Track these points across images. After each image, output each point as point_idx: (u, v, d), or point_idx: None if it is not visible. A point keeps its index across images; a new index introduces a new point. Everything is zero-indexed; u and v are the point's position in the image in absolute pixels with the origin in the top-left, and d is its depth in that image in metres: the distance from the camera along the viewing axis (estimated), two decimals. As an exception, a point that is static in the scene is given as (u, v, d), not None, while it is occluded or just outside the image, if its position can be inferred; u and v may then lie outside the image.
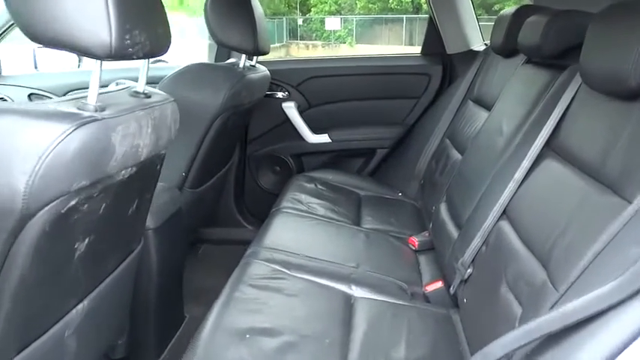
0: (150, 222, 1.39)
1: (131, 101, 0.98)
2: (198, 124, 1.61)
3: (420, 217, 1.85)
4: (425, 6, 2.35)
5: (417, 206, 1.98)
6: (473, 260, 1.14)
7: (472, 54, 2.07)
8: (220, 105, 1.59)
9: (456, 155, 1.70)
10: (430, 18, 2.17)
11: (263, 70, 1.97)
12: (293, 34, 17.72)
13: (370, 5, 17.53)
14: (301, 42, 17.36)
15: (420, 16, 15.20)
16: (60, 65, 2.17)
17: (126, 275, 1.20)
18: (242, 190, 2.36)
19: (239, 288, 1.14)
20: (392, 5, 16.85)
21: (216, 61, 2.16)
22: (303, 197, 1.80)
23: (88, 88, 0.81)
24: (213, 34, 1.68)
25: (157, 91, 1.13)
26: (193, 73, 1.62)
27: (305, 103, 2.23)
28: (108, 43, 0.77)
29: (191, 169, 1.66)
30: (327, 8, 17.77)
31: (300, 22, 18.00)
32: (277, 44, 16.34)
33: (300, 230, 1.52)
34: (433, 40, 2.19)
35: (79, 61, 2.44)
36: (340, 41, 16.84)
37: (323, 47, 16.77)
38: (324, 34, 17.47)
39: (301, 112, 2.23)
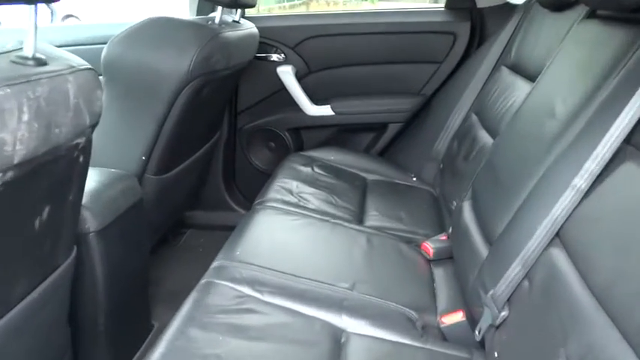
0: (91, 223, 1.10)
1: (6, 71, 0.66)
2: (158, 96, 1.28)
3: (437, 211, 1.51)
4: None
5: (435, 194, 1.64)
6: (509, 298, 0.81)
7: (509, 8, 1.67)
8: (186, 72, 1.26)
9: (485, 137, 1.34)
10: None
11: (248, 28, 1.61)
12: (311, -10, 16.92)
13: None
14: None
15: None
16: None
17: (50, 295, 0.94)
18: (232, 168, 2.04)
19: (186, 332, 0.83)
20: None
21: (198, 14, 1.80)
22: (295, 185, 1.48)
23: None
24: None
25: (66, 55, 0.80)
26: (151, 30, 1.28)
27: (304, 67, 1.88)
28: None
29: (153, 151, 1.34)
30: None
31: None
32: (296, 1, 15.65)
33: (283, 234, 1.21)
34: (459, -9, 1.79)
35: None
36: (362, -2, 16.06)
37: (344, 4, 16.00)
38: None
39: (299, 79, 1.88)
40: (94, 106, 0.82)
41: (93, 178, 1.22)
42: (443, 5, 1.84)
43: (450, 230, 1.23)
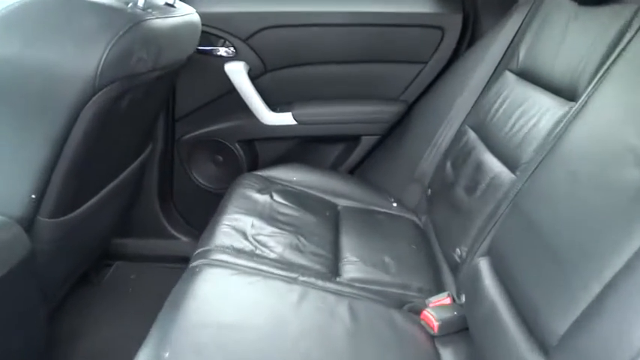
0: None
1: None
2: (51, 110, 0.90)
3: (428, 251, 1.21)
4: None
5: (421, 226, 1.34)
6: None
7: (509, 0, 1.37)
8: (92, 76, 0.88)
9: (495, 166, 1.04)
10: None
11: (187, 13, 1.24)
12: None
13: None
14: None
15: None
16: None
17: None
18: (169, 187, 1.66)
19: None
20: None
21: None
22: (250, 224, 1.13)
23: None
24: None
25: None
26: (38, 14, 0.88)
27: (259, 64, 1.51)
28: None
29: (48, 186, 0.95)
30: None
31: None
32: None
33: (235, 312, 0.85)
34: (449, -23, 1.48)
35: None
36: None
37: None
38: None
39: (253, 79, 1.52)
40: None
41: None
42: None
43: (463, 299, 0.92)
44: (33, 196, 0.93)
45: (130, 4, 1.01)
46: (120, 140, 1.18)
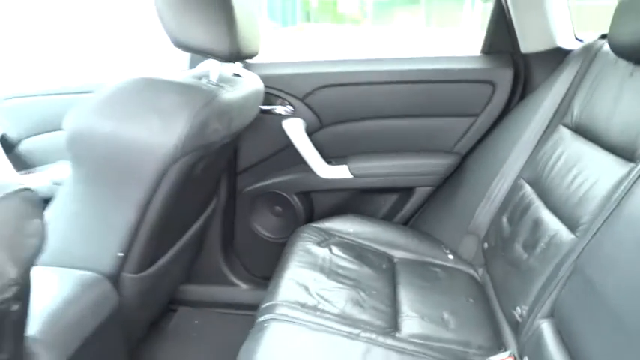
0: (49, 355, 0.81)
1: None
2: (139, 178, 1.00)
3: (486, 306, 1.22)
4: None
5: (478, 279, 1.35)
6: None
7: (562, 54, 1.40)
8: (174, 147, 0.98)
9: (554, 225, 1.05)
10: (497, 2, 1.50)
11: (252, 81, 1.34)
12: (307, 16, 16.95)
13: (387, -15, 16.69)
14: (315, 24, 16.61)
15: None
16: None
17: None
18: (231, 237, 1.75)
19: None
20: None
21: (190, 66, 1.53)
22: (312, 279, 1.19)
23: None
24: (165, 27, 1.05)
25: None
26: (129, 95, 0.99)
27: (315, 121, 1.60)
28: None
29: (133, 245, 1.05)
30: (341, -11, 16.95)
31: (314, 4, 17.22)
32: (290, 27, 15.62)
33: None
34: (499, 33, 1.53)
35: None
36: (354, 23, 16.05)
37: (335, 29, 16.01)
38: (338, 16, 16.69)
39: (310, 134, 1.60)
40: (25, 248, 0.53)
41: (51, 291, 0.93)
42: (479, 50, 1.58)
43: (525, 359, 0.93)
44: (120, 254, 1.03)
45: (205, 80, 1.12)
46: (191, 199, 1.28)
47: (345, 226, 1.48)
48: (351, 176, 1.60)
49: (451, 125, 1.57)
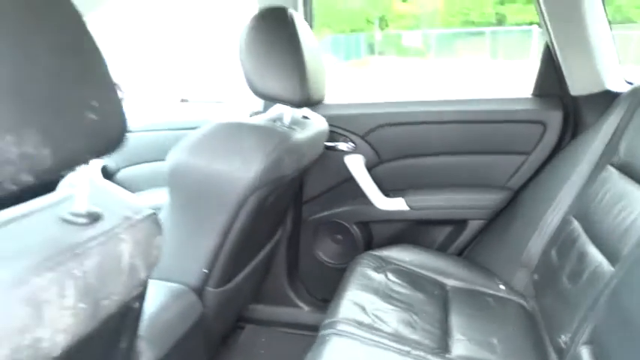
0: (147, 356, 0.98)
1: (51, 240, 0.57)
2: (223, 206, 1.18)
3: (536, 336, 1.29)
4: (509, 17, 1.80)
5: (529, 309, 1.42)
6: None
7: (610, 96, 1.48)
8: (253, 180, 1.15)
9: (596, 257, 1.13)
10: (546, 46, 1.60)
11: (319, 122, 1.52)
12: (371, 49, 17.36)
13: (450, 19, 16.78)
14: (379, 57, 16.97)
15: (503, 28, 14.26)
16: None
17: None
18: (296, 262, 1.91)
19: None
20: (473, 18, 15.97)
21: (265, 108, 1.74)
22: (369, 301, 1.31)
23: None
24: (247, 78, 1.25)
25: (123, 198, 0.71)
26: (217, 136, 1.19)
27: (374, 157, 1.75)
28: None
29: (215, 263, 1.23)
30: (406, 23, 17.27)
31: (378, 37, 17.64)
32: (354, 59, 16.06)
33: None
34: (549, 77, 1.62)
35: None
36: (419, 55, 16.21)
37: (399, 61, 16.24)
38: (402, 49, 16.96)
39: (369, 169, 1.75)
40: (151, 257, 0.71)
41: (150, 298, 1.12)
42: (530, 92, 1.68)
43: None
44: (205, 271, 1.21)
45: (279, 123, 1.30)
46: (263, 226, 1.46)
47: (401, 254, 1.59)
48: (407, 208, 1.72)
49: (504, 162, 1.66)
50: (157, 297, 1.13)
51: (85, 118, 0.51)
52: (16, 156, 0.43)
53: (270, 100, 1.29)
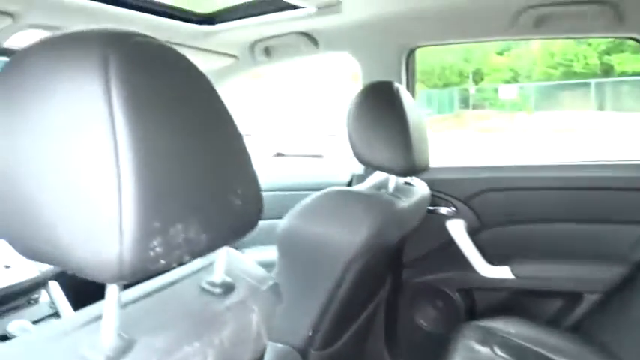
0: None
1: (195, 308, 0.64)
2: (330, 271, 1.22)
3: None
4: (617, 67, 1.70)
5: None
6: None
7: None
8: (359, 246, 1.19)
9: None
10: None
11: (421, 189, 1.54)
12: (465, 103, 17.18)
13: (550, 70, 16.18)
14: (473, 111, 16.72)
15: (611, 79, 13.45)
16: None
17: None
18: (394, 325, 1.88)
19: None
20: (576, 69, 15.25)
21: (365, 172, 1.80)
22: (474, 376, 1.26)
23: None
24: (353, 147, 1.32)
25: (249, 269, 0.77)
26: (325, 204, 1.26)
27: (477, 222, 1.72)
28: None
29: (320, 326, 1.26)
30: (501, 76, 16.94)
31: (472, 91, 17.44)
32: (448, 114, 15.94)
33: None
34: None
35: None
36: (516, 109, 15.73)
37: (496, 116, 15.86)
38: (499, 103, 16.57)
39: (472, 234, 1.71)
40: (271, 323, 0.76)
41: (259, 358, 1.17)
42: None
43: None
44: (309, 333, 1.25)
45: (383, 190, 1.35)
46: (364, 289, 1.48)
47: (508, 326, 1.51)
48: (513, 277, 1.65)
49: (624, 232, 1.55)
50: (264, 357, 1.18)
51: (232, 204, 0.58)
52: (183, 240, 0.50)
53: (376, 168, 1.34)
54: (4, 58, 1.34)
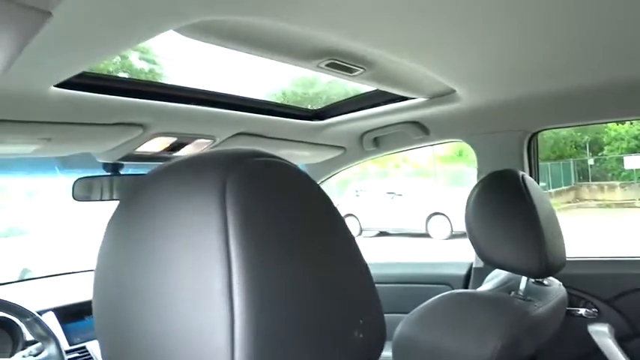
0: None
1: None
2: None
3: None
4: None
5: None
6: None
7: None
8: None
9: None
10: None
11: (557, 289, 1.35)
12: (583, 175, 15.91)
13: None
14: (593, 183, 15.39)
15: None
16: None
17: None
18: None
19: None
20: None
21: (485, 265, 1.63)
22: None
23: None
24: (476, 245, 1.19)
25: None
26: (446, 309, 1.13)
27: (626, 327, 1.46)
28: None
29: None
30: (624, 145, 15.57)
31: (590, 162, 16.16)
32: (564, 187, 14.81)
33: None
34: None
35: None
36: (646, 180, 14.18)
37: (622, 187, 14.41)
38: (623, 174, 15.11)
39: (621, 342, 1.45)
40: None
41: None
42: None
43: None
44: None
45: (513, 293, 1.19)
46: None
47: None
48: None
49: None
50: None
51: (353, 339, 0.51)
52: None
53: (501, 268, 1.20)
54: (134, 163, 1.46)
